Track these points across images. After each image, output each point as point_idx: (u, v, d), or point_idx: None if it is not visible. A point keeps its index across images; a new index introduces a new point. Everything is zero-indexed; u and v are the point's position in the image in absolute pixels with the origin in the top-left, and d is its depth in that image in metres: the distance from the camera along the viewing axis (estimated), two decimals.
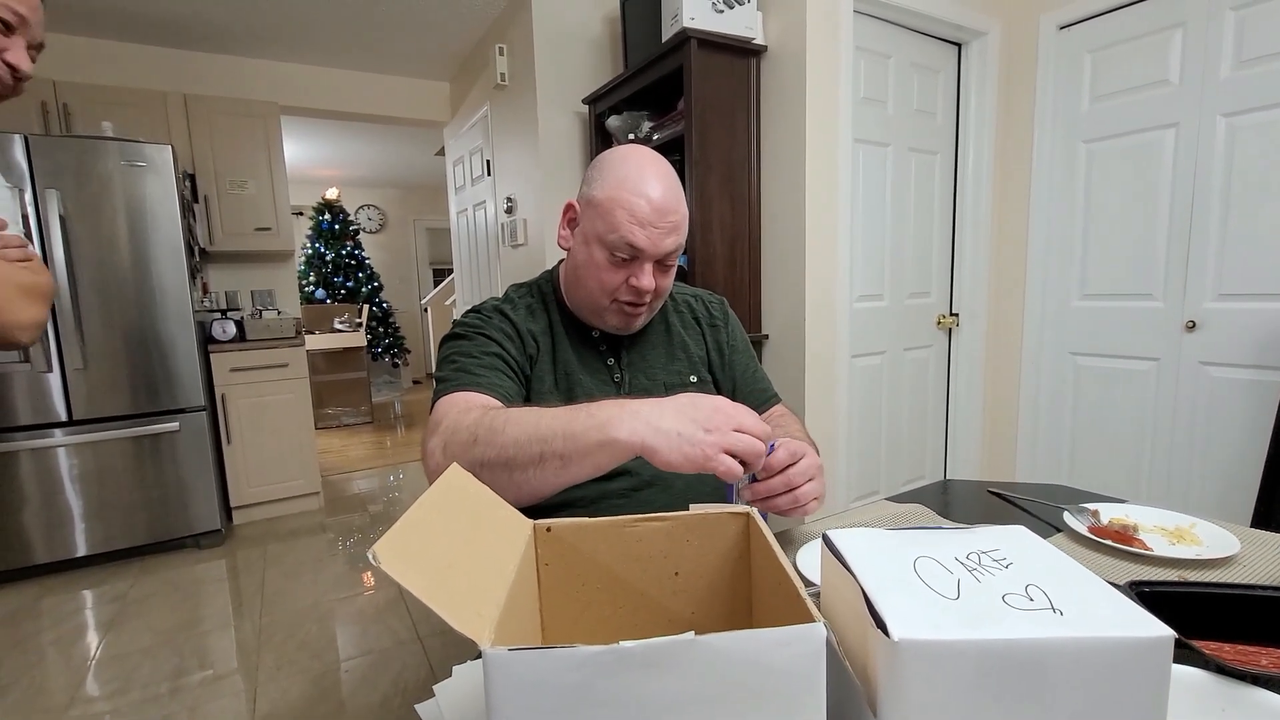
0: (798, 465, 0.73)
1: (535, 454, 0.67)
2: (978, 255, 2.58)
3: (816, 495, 0.75)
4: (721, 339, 1.07)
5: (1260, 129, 1.92)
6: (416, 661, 1.89)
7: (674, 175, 0.91)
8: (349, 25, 3.10)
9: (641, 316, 0.95)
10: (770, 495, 0.72)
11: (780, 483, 0.72)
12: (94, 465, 2.57)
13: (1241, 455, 2.01)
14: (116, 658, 1.94)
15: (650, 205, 0.86)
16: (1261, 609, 0.57)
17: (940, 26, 2.36)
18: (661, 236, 0.87)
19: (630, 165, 0.89)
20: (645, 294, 0.90)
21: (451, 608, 0.35)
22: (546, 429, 0.67)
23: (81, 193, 2.45)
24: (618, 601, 0.53)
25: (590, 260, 0.90)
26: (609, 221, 0.87)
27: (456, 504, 0.46)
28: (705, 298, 1.12)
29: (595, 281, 0.91)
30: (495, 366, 0.88)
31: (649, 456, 0.62)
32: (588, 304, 0.94)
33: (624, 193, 0.86)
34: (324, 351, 5.29)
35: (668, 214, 0.87)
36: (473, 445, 0.71)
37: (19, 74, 0.81)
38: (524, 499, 0.68)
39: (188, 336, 2.70)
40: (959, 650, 0.35)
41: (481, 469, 0.69)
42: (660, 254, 0.88)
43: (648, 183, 0.87)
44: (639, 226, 0.86)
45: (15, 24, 0.79)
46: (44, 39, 0.85)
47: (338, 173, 6.39)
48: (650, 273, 0.89)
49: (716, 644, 0.33)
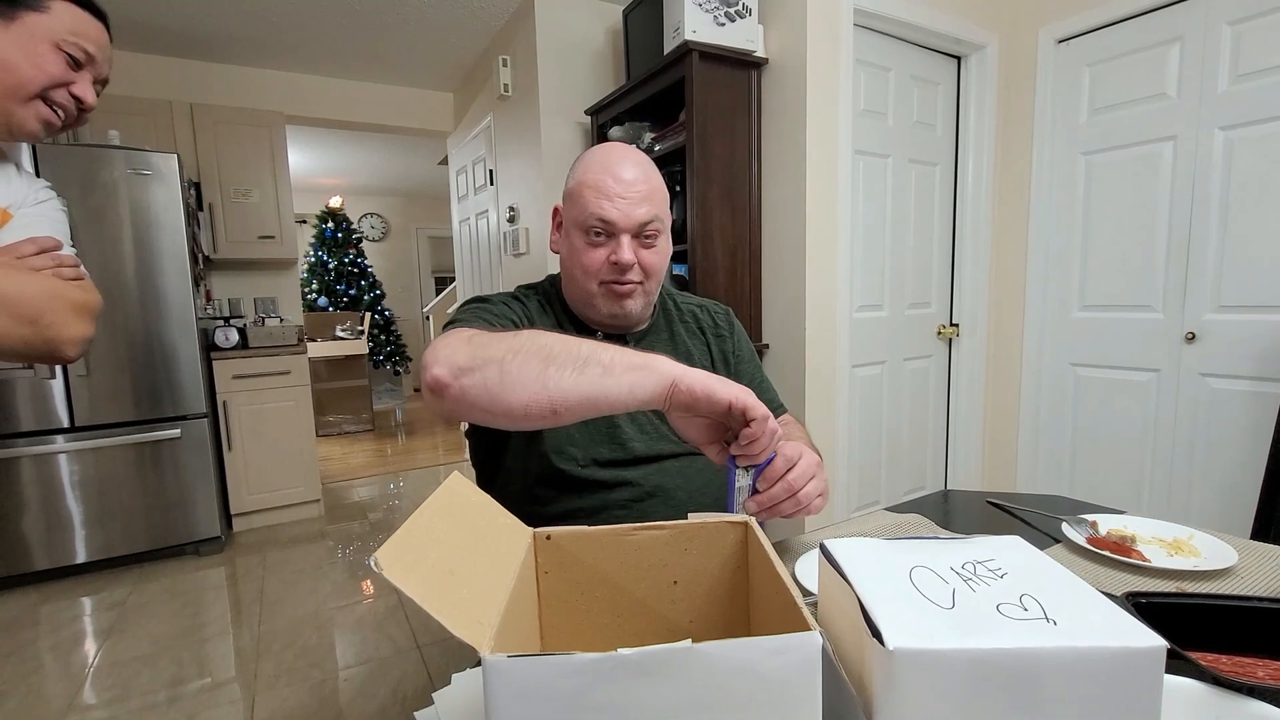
0: (796, 468, 0.73)
1: (579, 355, 0.65)
2: (978, 266, 2.59)
3: (819, 493, 0.75)
4: (727, 349, 1.07)
5: (1257, 142, 1.94)
6: (415, 670, 1.88)
7: (643, 156, 0.94)
8: (354, 36, 3.13)
9: (633, 298, 0.93)
10: (774, 504, 0.73)
11: (782, 489, 0.72)
12: (95, 472, 2.58)
13: (1241, 466, 2.01)
14: (115, 665, 1.94)
15: (615, 180, 0.88)
16: (1258, 620, 0.57)
17: (940, 40, 2.38)
18: (631, 206, 0.88)
19: (597, 154, 0.93)
20: (628, 268, 0.90)
21: (452, 615, 0.35)
22: (591, 343, 0.66)
23: (87, 201, 2.47)
24: (616, 610, 0.54)
25: (572, 248, 0.93)
26: (579, 204, 0.90)
27: (458, 512, 0.46)
28: (711, 307, 1.12)
29: (579, 268, 0.92)
30: (504, 328, 0.89)
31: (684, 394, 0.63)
32: (580, 296, 0.95)
33: (590, 174, 0.90)
34: (325, 359, 5.30)
35: (634, 185, 0.89)
36: (511, 337, 0.68)
37: (84, 106, 0.87)
38: (542, 401, 0.64)
39: (190, 344, 2.71)
40: (953, 659, 0.35)
41: (515, 356, 0.65)
42: (633, 224, 0.89)
43: (613, 162, 0.90)
44: (607, 200, 0.88)
45: (84, 61, 0.86)
46: (109, 76, 0.92)
47: (341, 181, 6.43)
48: (629, 246, 0.90)
49: (713, 652, 0.33)
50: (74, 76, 0.85)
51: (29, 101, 0.83)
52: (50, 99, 0.84)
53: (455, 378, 0.66)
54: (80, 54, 0.85)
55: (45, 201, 0.93)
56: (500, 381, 0.65)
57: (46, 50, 0.82)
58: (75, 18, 0.84)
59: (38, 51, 0.81)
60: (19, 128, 0.84)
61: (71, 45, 0.84)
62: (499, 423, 0.67)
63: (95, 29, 0.87)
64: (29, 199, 0.91)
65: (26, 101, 0.83)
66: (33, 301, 0.79)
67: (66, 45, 0.83)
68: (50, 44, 0.82)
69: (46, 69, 0.82)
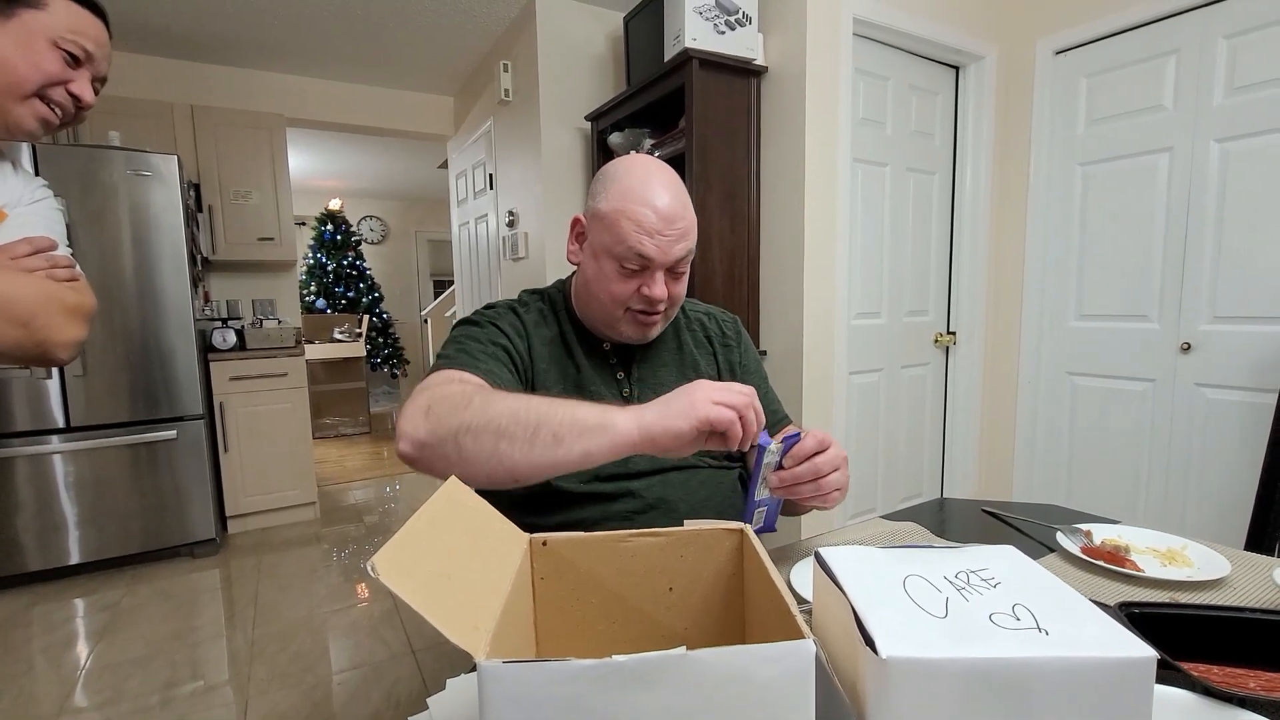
0: (825, 454, 0.74)
1: (530, 425, 0.67)
2: (975, 274, 2.60)
3: (839, 486, 0.76)
4: (734, 359, 1.06)
5: (1252, 154, 1.95)
6: (409, 674, 1.88)
7: (679, 182, 0.91)
8: (356, 40, 3.14)
9: (657, 325, 0.94)
10: (796, 482, 0.74)
11: (807, 469, 0.73)
12: (90, 473, 2.57)
13: (1236, 476, 2.02)
14: (107, 667, 1.93)
15: (657, 214, 0.85)
16: (1250, 631, 0.57)
17: (938, 50, 2.40)
18: (670, 244, 0.86)
19: (635, 176, 0.88)
20: (659, 303, 0.89)
21: (448, 621, 0.35)
22: (544, 406, 0.68)
23: (87, 201, 2.47)
24: (612, 616, 0.54)
25: (600, 273, 0.90)
26: (616, 234, 0.86)
27: (455, 517, 0.46)
28: (718, 316, 1.11)
29: (607, 294, 0.90)
30: (498, 357, 0.88)
31: (646, 443, 0.65)
32: (601, 317, 0.94)
33: (629, 204, 0.86)
34: (323, 361, 5.29)
35: (675, 221, 0.86)
36: (463, 409, 0.70)
37: (81, 104, 0.87)
38: (501, 475, 0.68)
39: (188, 345, 2.70)
40: (945, 668, 0.35)
41: (467, 433, 0.68)
42: (670, 261, 0.88)
43: (653, 191, 0.86)
44: (647, 236, 0.85)
45: (82, 59, 0.85)
46: (108, 74, 0.91)
47: (341, 184, 6.43)
48: (662, 281, 0.88)
49: (707, 659, 0.33)
50: (72, 75, 0.84)
51: (26, 100, 0.82)
52: (48, 97, 0.83)
53: (419, 452, 0.70)
54: (79, 52, 0.84)
55: (41, 200, 0.92)
56: (459, 457, 0.68)
57: (44, 48, 0.81)
58: (74, 15, 0.83)
59: (35, 49, 0.81)
60: (16, 126, 0.83)
61: (70, 43, 0.83)
62: None
63: (94, 26, 0.86)
64: (24, 198, 0.90)
65: (24, 100, 0.82)
66: (26, 303, 0.79)
67: (65, 43, 0.82)
68: (48, 41, 0.81)
69: (44, 67, 0.81)
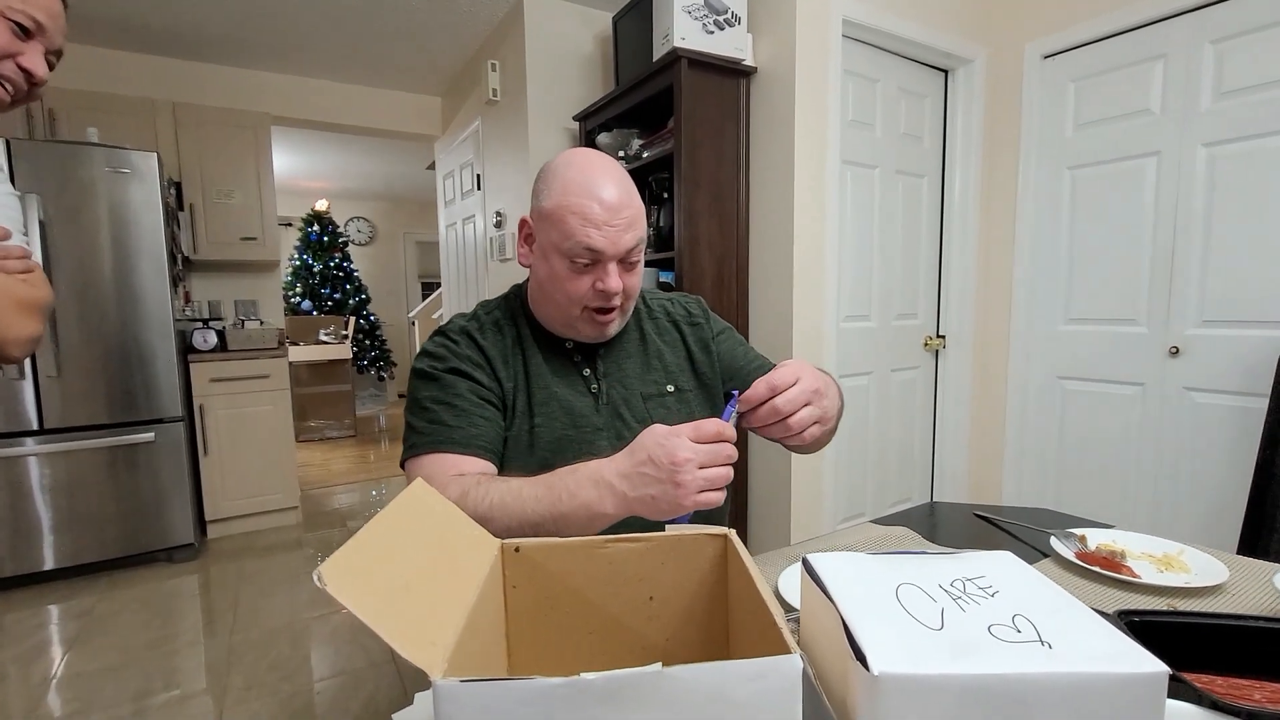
0: (784, 394, 0.72)
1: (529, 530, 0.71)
2: (965, 278, 2.60)
3: (816, 420, 0.75)
4: (704, 335, 1.04)
5: (1239, 159, 1.95)
6: (390, 683, 1.83)
7: (622, 171, 0.89)
8: (343, 38, 3.10)
9: (614, 321, 0.92)
10: (760, 425, 0.74)
11: (767, 412, 0.72)
12: (65, 476, 2.51)
13: (1226, 481, 2.01)
14: (79, 676, 1.87)
15: (602, 205, 0.83)
16: (1254, 640, 0.55)
17: (927, 53, 2.40)
18: (619, 234, 0.85)
19: (575, 168, 0.86)
20: (614, 296, 0.87)
21: (402, 635, 0.32)
22: (533, 514, 0.71)
23: (63, 198, 2.42)
24: (589, 627, 0.51)
25: (552, 273, 0.88)
26: (563, 230, 0.84)
27: (418, 522, 0.43)
28: (680, 299, 1.09)
29: (561, 294, 0.88)
30: (467, 410, 0.86)
31: None
32: (558, 317, 0.92)
33: (572, 197, 0.84)
34: (308, 363, 5.22)
35: (621, 210, 0.85)
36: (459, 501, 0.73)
37: (34, 79, 0.81)
38: None
39: (167, 345, 2.65)
40: (942, 685, 0.33)
41: None
42: (621, 252, 0.86)
43: (595, 183, 0.84)
44: (594, 228, 0.83)
45: (33, 29, 0.79)
46: (63, 46, 0.85)
47: (328, 185, 6.37)
48: (615, 274, 0.86)
49: (684, 676, 0.31)
50: (21, 47, 0.79)
51: None
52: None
53: None
54: (29, 22, 0.78)
55: None
56: None
57: None
58: None
59: None
60: None
61: (18, 13, 0.77)
62: None
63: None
64: None
65: None
66: None
67: (12, 13, 0.77)
68: None
69: None
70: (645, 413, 0.94)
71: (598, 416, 0.92)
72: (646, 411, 0.94)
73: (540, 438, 0.89)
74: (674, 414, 0.96)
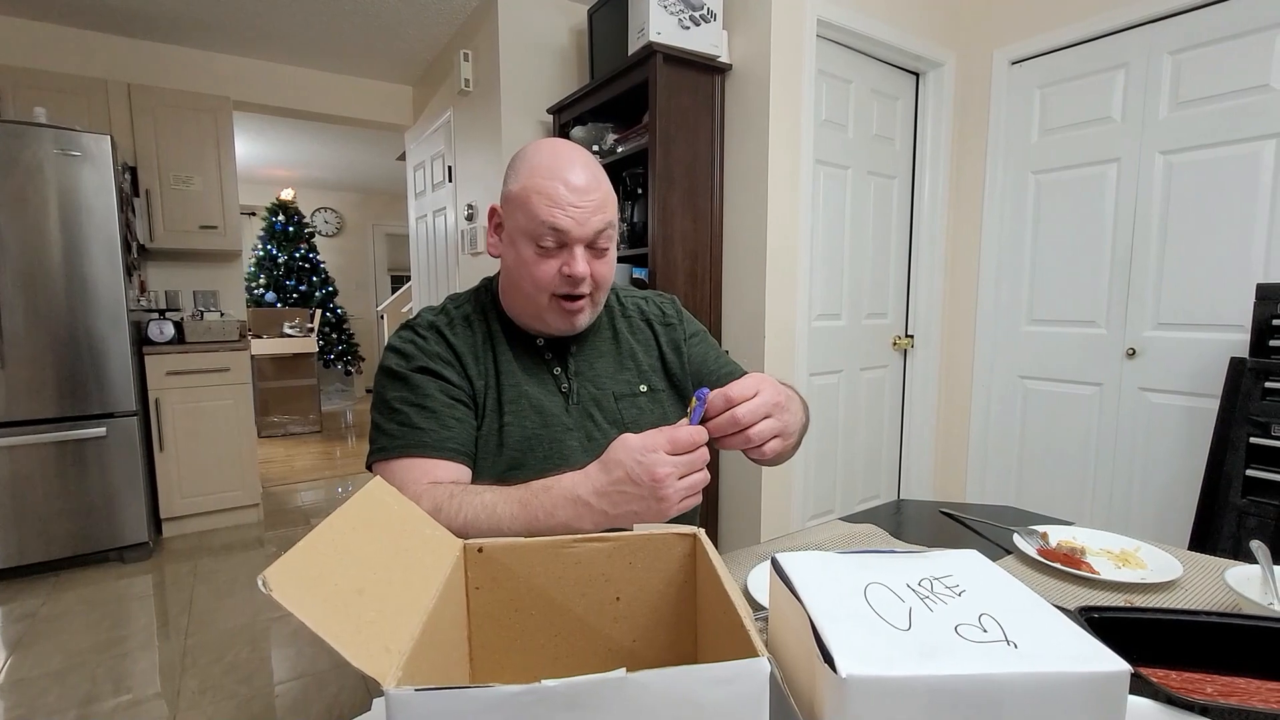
0: (746, 405, 0.71)
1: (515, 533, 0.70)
2: (932, 279, 2.64)
3: (776, 433, 0.73)
4: (677, 336, 1.03)
5: (1195, 167, 2.02)
6: (353, 684, 1.79)
7: (591, 157, 0.88)
8: (310, 22, 3.01)
9: (584, 312, 0.90)
10: (719, 434, 0.72)
11: (726, 421, 0.71)
12: (10, 471, 2.39)
13: (1178, 478, 2.08)
14: (20, 682, 1.79)
15: (568, 186, 0.82)
16: (1205, 634, 0.56)
17: (899, 55, 2.42)
18: (586, 215, 0.83)
19: (543, 153, 0.86)
20: (580, 281, 0.85)
21: (353, 641, 0.31)
22: (509, 532, 0.68)
23: (7, 181, 2.31)
24: (555, 629, 0.50)
25: (519, 258, 0.86)
26: (528, 211, 0.83)
27: (375, 522, 0.42)
28: (654, 299, 1.07)
29: (529, 280, 0.86)
30: (438, 411, 0.84)
31: None
32: (527, 309, 0.90)
33: (538, 179, 0.83)
34: (272, 356, 5.08)
35: (589, 192, 0.84)
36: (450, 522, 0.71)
37: None
38: None
39: (120, 337, 2.55)
40: (910, 687, 0.32)
41: None
42: (588, 234, 0.84)
43: (562, 165, 0.84)
44: (559, 209, 0.82)
45: None
46: None
47: (294, 173, 6.20)
48: (582, 258, 0.85)
49: (649, 682, 0.30)
50: None
51: None
52: None
53: None
54: None
55: None
56: None
57: None
58: None
59: None
60: None
61: None
62: None
63: None
64: None
65: None
66: None
67: None
68: None
69: None
70: (617, 413, 0.93)
71: (568, 416, 0.90)
72: (619, 412, 0.93)
73: (510, 436, 0.87)
74: (646, 414, 0.94)
